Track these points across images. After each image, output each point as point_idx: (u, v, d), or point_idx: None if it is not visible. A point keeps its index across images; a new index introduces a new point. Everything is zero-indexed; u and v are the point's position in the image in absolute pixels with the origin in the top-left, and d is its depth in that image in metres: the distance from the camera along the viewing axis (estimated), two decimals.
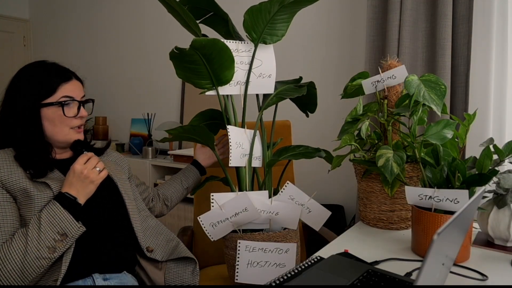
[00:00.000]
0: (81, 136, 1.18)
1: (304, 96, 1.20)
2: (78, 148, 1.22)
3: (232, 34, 1.24)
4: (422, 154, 1.12)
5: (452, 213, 1.00)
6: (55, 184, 1.07)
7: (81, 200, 1.05)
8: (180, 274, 1.22)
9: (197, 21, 1.20)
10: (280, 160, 1.22)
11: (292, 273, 0.86)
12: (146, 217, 1.28)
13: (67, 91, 1.13)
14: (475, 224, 1.20)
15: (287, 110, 1.60)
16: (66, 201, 1.03)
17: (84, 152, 1.10)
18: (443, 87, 1.14)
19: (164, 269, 1.21)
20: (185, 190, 1.51)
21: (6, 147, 1.12)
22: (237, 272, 1.12)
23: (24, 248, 0.96)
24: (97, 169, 1.08)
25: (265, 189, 1.19)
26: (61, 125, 1.13)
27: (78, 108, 1.15)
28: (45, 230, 0.98)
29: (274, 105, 1.27)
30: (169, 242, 1.26)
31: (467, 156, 1.22)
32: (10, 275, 0.96)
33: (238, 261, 1.11)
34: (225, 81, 1.19)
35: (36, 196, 1.04)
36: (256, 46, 1.20)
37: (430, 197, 1.02)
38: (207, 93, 1.21)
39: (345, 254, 0.98)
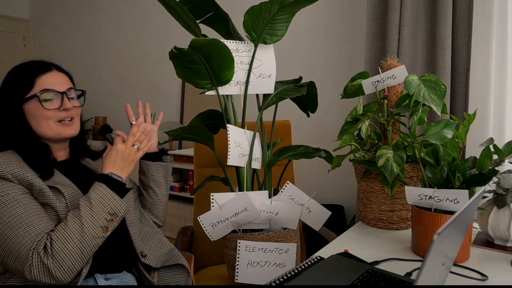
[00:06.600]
0: (72, 130, 1.13)
1: (304, 96, 1.20)
2: (104, 132, 1.21)
3: (232, 34, 1.24)
4: (422, 154, 1.12)
5: (452, 213, 1.00)
6: (67, 190, 1.06)
7: (124, 178, 1.09)
8: (171, 283, 1.22)
9: (197, 21, 1.20)
10: (280, 160, 1.22)
11: (292, 273, 0.86)
12: (142, 222, 1.27)
13: (46, 84, 1.08)
14: (475, 224, 1.20)
15: (287, 110, 1.60)
16: (111, 182, 1.06)
17: (114, 132, 1.12)
18: (443, 87, 1.14)
19: (156, 275, 1.21)
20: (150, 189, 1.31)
21: (6, 149, 1.08)
22: (237, 272, 1.12)
23: (81, 229, 0.98)
24: (135, 146, 1.11)
25: (265, 189, 1.19)
26: (44, 119, 1.07)
27: (62, 100, 1.09)
28: (97, 210, 1.01)
29: (274, 105, 1.27)
30: (162, 248, 1.25)
31: (467, 156, 1.22)
32: (72, 255, 0.96)
33: (238, 261, 1.11)
34: (225, 81, 1.19)
35: (54, 203, 1.02)
36: (256, 46, 1.20)
37: (430, 197, 1.02)
38: (207, 93, 1.20)
39: (345, 254, 0.98)
